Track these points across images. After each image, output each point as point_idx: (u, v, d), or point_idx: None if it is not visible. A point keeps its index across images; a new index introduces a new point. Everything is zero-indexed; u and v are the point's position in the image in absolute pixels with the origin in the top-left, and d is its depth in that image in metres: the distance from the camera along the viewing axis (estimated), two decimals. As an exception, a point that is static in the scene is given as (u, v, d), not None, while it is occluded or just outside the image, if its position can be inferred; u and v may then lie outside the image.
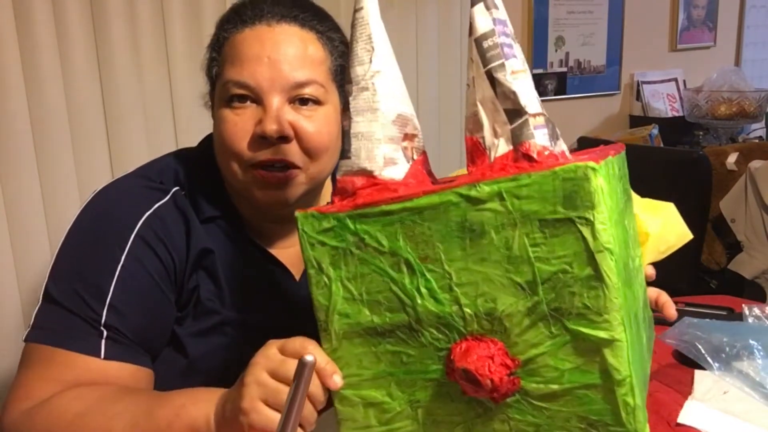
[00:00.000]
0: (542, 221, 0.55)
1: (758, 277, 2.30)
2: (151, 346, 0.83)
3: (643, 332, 0.67)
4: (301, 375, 0.60)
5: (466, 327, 0.60)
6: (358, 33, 0.66)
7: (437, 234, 0.59)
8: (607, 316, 0.55)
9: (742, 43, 3.37)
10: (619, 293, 0.55)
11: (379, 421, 0.65)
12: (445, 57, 2.24)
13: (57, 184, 1.61)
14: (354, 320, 0.63)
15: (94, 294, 0.78)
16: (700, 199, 2.12)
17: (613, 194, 0.59)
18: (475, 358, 0.58)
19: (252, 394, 0.63)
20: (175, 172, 0.89)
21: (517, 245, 0.56)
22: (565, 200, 0.54)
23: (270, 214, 0.89)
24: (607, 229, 0.54)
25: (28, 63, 1.54)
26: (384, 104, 0.64)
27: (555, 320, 0.57)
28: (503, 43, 0.59)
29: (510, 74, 0.58)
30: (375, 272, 0.62)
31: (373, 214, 0.61)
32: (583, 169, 0.53)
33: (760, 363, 0.88)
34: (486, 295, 0.58)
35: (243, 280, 0.88)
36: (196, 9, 1.73)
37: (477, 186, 0.57)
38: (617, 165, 0.65)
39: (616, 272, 0.54)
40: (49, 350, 0.77)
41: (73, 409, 0.74)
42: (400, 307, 0.61)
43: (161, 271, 0.82)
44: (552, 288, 0.56)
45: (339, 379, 0.64)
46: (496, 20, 0.60)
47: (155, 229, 0.82)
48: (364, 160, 0.64)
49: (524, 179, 0.55)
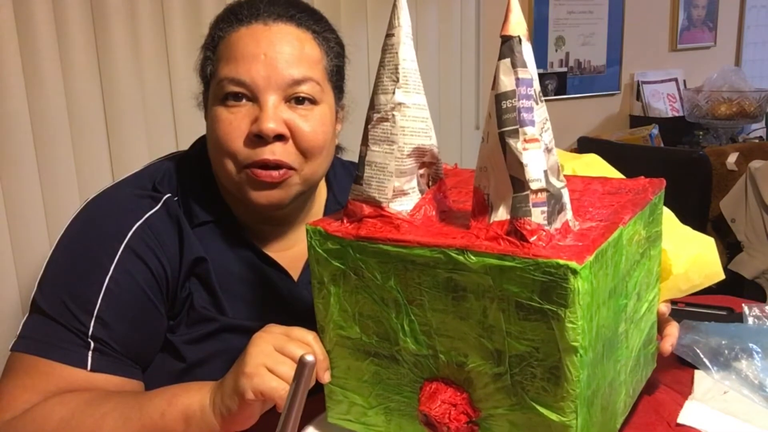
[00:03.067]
0: (519, 303, 0.57)
1: (758, 277, 2.30)
2: (140, 357, 0.82)
3: (622, 389, 0.68)
4: (301, 375, 0.60)
5: (438, 371, 0.64)
6: (386, 60, 0.66)
7: (425, 283, 0.62)
8: (562, 404, 0.57)
9: (742, 43, 3.37)
10: (578, 386, 0.57)
11: (357, 419, 0.71)
12: (445, 53, 2.24)
13: (57, 184, 1.61)
14: (346, 333, 0.68)
15: (81, 305, 0.78)
16: (700, 199, 2.12)
17: (601, 281, 0.59)
18: (438, 404, 0.62)
19: (256, 361, 0.66)
20: (167, 177, 0.88)
21: (493, 317, 0.59)
22: (542, 292, 0.56)
23: (265, 216, 0.88)
24: (577, 328, 0.55)
25: (28, 63, 1.54)
26: (401, 138, 0.65)
27: (516, 391, 0.60)
28: (522, 107, 0.57)
29: (522, 142, 0.57)
30: (368, 299, 0.66)
31: (371, 249, 0.64)
32: (563, 269, 0.54)
33: (759, 365, 0.88)
34: (459, 349, 0.62)
35: (240, 283, 0.88)
36: (196, 9, 1.73)
37: (466, 254, 0.59)
38: (630, 232, 0.65)
39: (579, 367, 0.56)
40: (35, 360, 0.77)
41: (57, 414, 0.73)
42: (385, 335, 0.66)
43: (151, 282, 0.81)
44: (518, 363, 0.59)
45: (329, 376, 0.71)
46: (520, 81, 0.57)
47: (146, 240, 0.81)
48: (375, 190, 0.66)
49: (509, 261, 0.57)
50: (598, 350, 0.60)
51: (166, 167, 0.90)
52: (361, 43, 1.99)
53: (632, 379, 0.71)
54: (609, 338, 0.63)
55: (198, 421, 0.70)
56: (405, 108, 0.65)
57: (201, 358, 0.85)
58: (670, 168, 2.16)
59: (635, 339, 0.71)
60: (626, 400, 0.70)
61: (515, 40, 0.57)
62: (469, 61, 2.31)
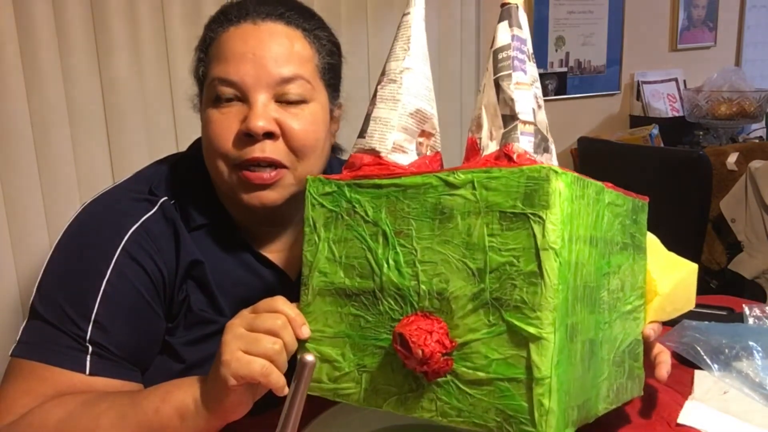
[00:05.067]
0: (502, 213, 0.60)
1: (758, 277, 2.30)
2: (138, 360, 0.82)
3: (605, 368, 0.68)
4: (301, 375, 0.60)
5: (419, 302, 0.64)
6: (400, 33, 0.73)
7: (414, 212, 0.65)
8: (539, 313, 0.57)
9: (742, 43, 3.37)
10: (557, 295, 0.57)
11: (329, 378, 0.70)
12: (445, 53, 2.24)
13: (57, 183, 1.61)
14: (329, 279, 0.70)
15: (78, 310, 0.78)
16: (700, 199, 2.12)
17: (582, 210, 0.62)
18: (414, 328, 0.62)
19: (231, 347, 0.66)
20: (164, 180, 0.88)
21: (477, 233, 0.61)
22: (525, 197, 0.59)
23: (261, 217, 0.88)
24: (557, 230, 0.57)
25: (29, 63, 1.54)
26: (406, 97, 0.71)
27: (494, 309, 0.60)
28: (515, 57, 0.64)
29: (514, 84, 0.63)
30: (356, 238, 0.68)
31: (366, 185, 0.68)
32: (546, 171, 0.58)
33: (760, 364, 0.88)
34: (441, 275, 0.63)
35: (237, 285, 0.87)
36: (196, 9, 1.73)
37: (455, 173, 0.63)
38: (612, 199, 0.68)
39: (558, 274, 0.57)
40: (34, 365, 0.77)
41: (55, 416, 0.73)
42: (369, 274, 0.67)
43: (148, 286, 0.81)
44: (498, 278, 0.60)
45: (307, 330, 0.70)
46: (516, 37, 0.65)
47: (142, 243, 0.81)
48: (376, 142, 0.71)
49: (495, 172, 0.60)
50: (579, 285, 0.61)
51: (163, 170, 0.90)
52: (361, 43, 1.99)
53: (616, 376, 0.71)
54: (590, 288, 0.64)
55: (193, 416, 0.71)
56: (412, 72, 0.71)
57: (200, 359, 0.85)
58: (670, 168, 2.16)
59: (619, 331, 0.71)
60: (609, 392, 0.70)
61: (513, 6, 0.66)
62: (469, 60, 2.31)
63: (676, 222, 1.99)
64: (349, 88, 0.93)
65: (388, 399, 0.66)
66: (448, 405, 0.62)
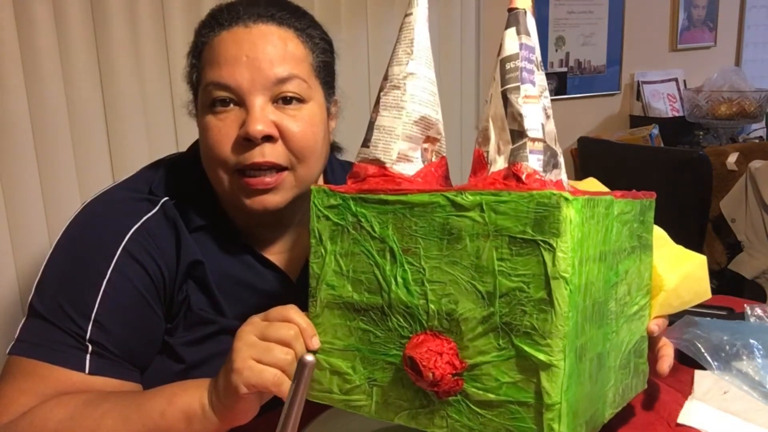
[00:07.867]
0: (512, 238, 0.59)
1: (758, 277, 2.30)
2: (138, 360, 0.82)
3: (611, 376, 0.68)
4: (301, 375, 0.60)
5: (428, 321, 0.64)
6: (402, 36, 0.71)
7: (421, 230, 0.64)
8: (549, 341, 0.57)
9: (742, 43, 3.37)
10: (567, 322, 0.57)
11: (339, 390, 0.70)
12: (445, 53, 2.24)
13: (57, 183, 1.61)
14: (338, 293, 0.69)
15: (79, 309, 0.78)
16: (700, 199, 2.12)
17: (592, 231, 0.61)
18: (424, 350, 0.61)
19: (243, 355, 0.66)
20: (164, 180, 0.88)
21: (486, 256, 0.60)
22: (535, 223, 0.57)
23: (261, 220, 0.88)
24: (567, 258, 0.56)
25: (29, 63, 1.54)
26: (410, 105, 0.69)
27: (504, 333, 0.59)
28: (524, 68, 0.62)
29: (522, 98, 0.61)
30: (363, 253, 0.67)
31: (372, 200, 0.66)
32: (557, 198, 0.56)
33: (760, 362, 0.88)
34: (450, 296, 0.62)
35: (238, 286, 0.87)
36: (196, 9, 1.73)
37: (463, 194, 0.61)
38: (621, 208, 0.67)
39: (569, 302, 0.57)
40: (33, 363, 0.76)
41: (56, 416, 0.73)
42: (377, 290, 0.66)
43: (149, 285, 0.81)
44: (507, 303, 0.59)
45: (317, 341, 0.69)
46: (524, 45, 0.62)
47: (143, 243, 0.81)
48: (380, 152, 0.69)
49: (504, 196, 0.59)
50: (588, 305, 0.61)
51: (163, 170, 0.90)
52: (361, 43, 1.98)
53: (622, 379, 0.71)
54: (599, 303, 0.63)
55: (200, 419, 0.71)
56: (416, 78, 0.69)
57: (200, 360, 0.85)
58: (670, 168, 2.16)
59: (625, 334, 0.71)
60: (615, 397, 0.70)
61: (521, 12, 0.63)
62: (469, 61, 2.30)
63: (676, 222, 1.99)
64: (349, 88, 0.93)
65: (399, 413, 0.66)
66: (458, 423, 0.62)
